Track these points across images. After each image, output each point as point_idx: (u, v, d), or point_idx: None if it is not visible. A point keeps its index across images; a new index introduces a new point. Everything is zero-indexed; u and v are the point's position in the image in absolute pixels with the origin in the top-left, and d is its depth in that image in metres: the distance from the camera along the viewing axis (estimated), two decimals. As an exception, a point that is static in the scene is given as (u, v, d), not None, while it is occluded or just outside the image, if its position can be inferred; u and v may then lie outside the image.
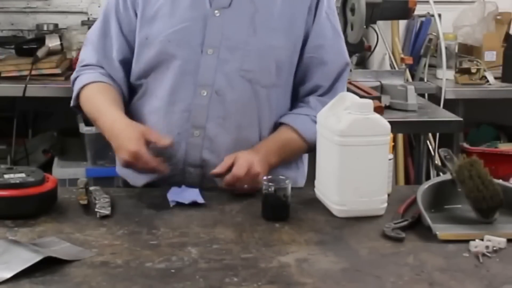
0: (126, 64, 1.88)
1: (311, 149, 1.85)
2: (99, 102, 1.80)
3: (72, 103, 1.89)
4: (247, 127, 1.82)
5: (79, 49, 3.41)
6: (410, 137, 3.74)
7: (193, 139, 1.80)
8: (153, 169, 1.68)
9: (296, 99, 1.91)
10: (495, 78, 3.52)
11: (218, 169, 1.73)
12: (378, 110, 2.31)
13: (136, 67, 1.86)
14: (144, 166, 1.66)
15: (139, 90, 1.88)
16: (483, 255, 1.41)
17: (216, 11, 1.79)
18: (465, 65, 3.55)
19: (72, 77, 1.91)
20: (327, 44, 1.87)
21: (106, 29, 1.88)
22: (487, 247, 1.42)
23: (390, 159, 1.68)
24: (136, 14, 1.84)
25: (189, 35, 1.79)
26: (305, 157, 1.98)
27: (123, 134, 1.68)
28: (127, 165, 1.67)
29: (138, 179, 1.85)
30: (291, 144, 1.84)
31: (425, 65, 3.66)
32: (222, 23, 1.79)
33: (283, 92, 1.87)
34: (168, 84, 1.81)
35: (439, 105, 3.21)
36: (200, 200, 1.66)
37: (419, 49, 3.77)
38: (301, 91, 1.90)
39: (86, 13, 3.85)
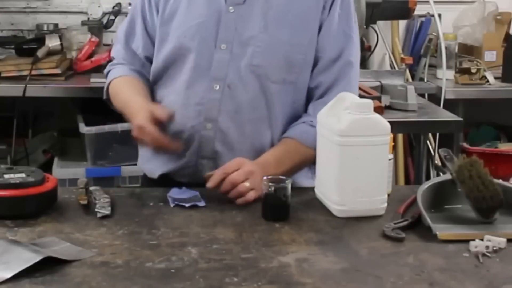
0: (151, 61, 1.95)
1: None
2: (125, 94, 1.90)
3: (104, 96, 2.00)
4: (257, 121, 1.84)
5: (79, 49, 3.43)
6: (410, 137, 3.73)
7: (205, 132, 1.84)
8: (164, 146, 1.72)
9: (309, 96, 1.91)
10: (495, 78, 3.51)
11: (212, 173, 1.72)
12: (378, 110, 2.31)
13: (155, 63, 1.93)
14: (153, 141, 1.70)
15: (158, 85, 1.94)
16: (483, 255, 1.41)
17: (230, 7, 1.84)
18: (465, 65, 3.55)
19: (105, 71, 2.03)
20: (330, 43, 1.87)
21: (132, 27, 1.98)
22: (487, 247, 1.42)
23: (390, 159, 1.68)
24: (158, 13, 1.91)
25: (203, 30, 1.84)
26: None
27: (135, 112, 1.77)
28: (138, 140, 1.74)
29: (154, 169, 1.92)
30: (291, 153, 1.83)
31: (425, 65, 3.65)
32: (236, 19, 1.83)
33: (298, 89, 1.88)
34: (184, 79, 1.86)
35: (439, 105, 3.20)
36: (201, 203, 1.66)
37: (419, 49, 3.77)
38: (308, 87, 1.90)
39: (86, 13, 3.85)
